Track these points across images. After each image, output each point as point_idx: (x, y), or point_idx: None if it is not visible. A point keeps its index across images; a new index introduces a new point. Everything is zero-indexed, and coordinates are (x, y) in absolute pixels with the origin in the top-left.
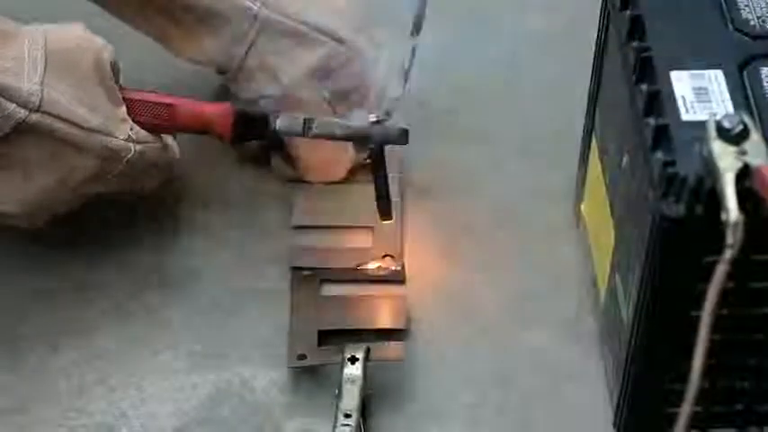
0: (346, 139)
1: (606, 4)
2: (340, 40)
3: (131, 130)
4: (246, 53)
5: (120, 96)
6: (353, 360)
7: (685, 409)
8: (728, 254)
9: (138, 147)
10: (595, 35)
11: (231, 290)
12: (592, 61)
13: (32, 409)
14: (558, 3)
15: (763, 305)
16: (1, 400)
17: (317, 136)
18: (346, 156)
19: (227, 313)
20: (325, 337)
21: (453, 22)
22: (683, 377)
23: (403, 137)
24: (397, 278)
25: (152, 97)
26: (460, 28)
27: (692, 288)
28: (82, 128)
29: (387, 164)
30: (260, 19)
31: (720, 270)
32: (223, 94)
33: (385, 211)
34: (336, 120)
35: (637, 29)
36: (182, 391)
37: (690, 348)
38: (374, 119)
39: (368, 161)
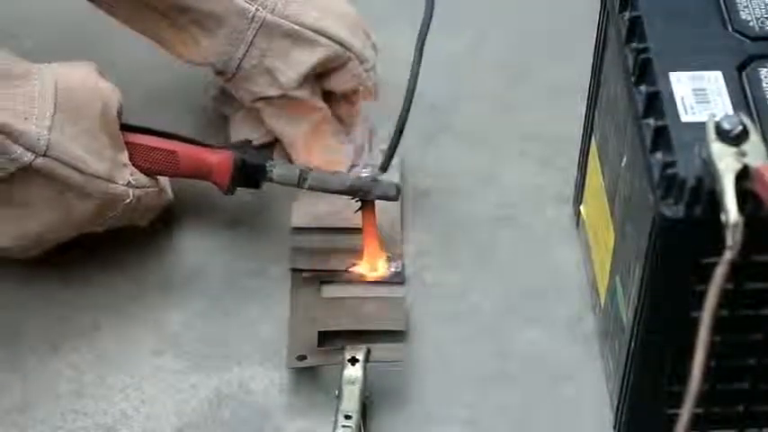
0: (340, 193)
1: (605, 5)
2: (338, 42)
3: (132, 175)
4: (244, 55)
5: (123, 142)
6: (354, 361)
7: (685, 411)
8: (728, 255)
9: (137, 192)
10: (595, 36)
11: (231, 290)
12: (591, 62)
13: (32, 409)
14: (558, 3)
15: (763, 306)
16: (1, 400)
17: (311, 188)
18: (346, 156)
19: (228, 314)
20: (325, 338)
21: (453, 22)
22: (683, 378)
23: (395, 193)
24: (396, 279)
25: (154, 143)
26: (460, 28)
27: (691, 289)
28: (84, 173)
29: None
30: (257, 20)
31: (720, 271)
32: (222, 127)
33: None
34: (332, 173)
35: (636, 30)
36: (181, 393)
37: (689, 349)
38: (367, 173)
39: (357, 211)
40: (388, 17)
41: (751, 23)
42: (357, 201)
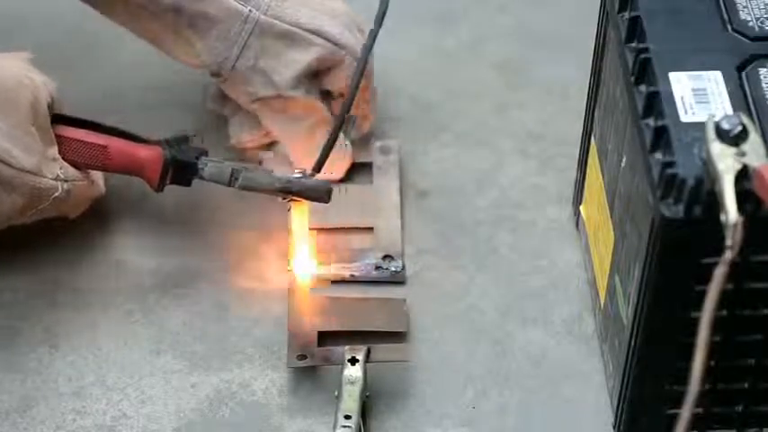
0: (271, 193)
1: (605, 5)
2: (333, 41)
3: (61, 169)
4: (238, 56)
5: (53, 136)
6: (354, 361)
7: (685, 411)
8: (728, 255)
9: (66, 185)
10: (594, 36)
11: (231, 290)
12: (591, 62)
13: (32, 409)
14: (558, 3)
15: (763, 306)
16: (1, 400)
17: (242, 187)
18: (345, 156)
19: (228, 313)
20: (326, 338)
21: (453, 22)
22: (683, 378)
23: (326, 194)
24: (397, 279)
25: (85, 137)
26: (460, 28)
27: (691, 289)
28: (13, 167)
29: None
30: (251, 21)
31: (720, 271)
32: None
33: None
34: (262, 172)
35: (635, 30)
36: (181, 392)
37: (689, 349)
38: (298, 174)
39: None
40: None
41: (751, 23)
42: (288, 201)
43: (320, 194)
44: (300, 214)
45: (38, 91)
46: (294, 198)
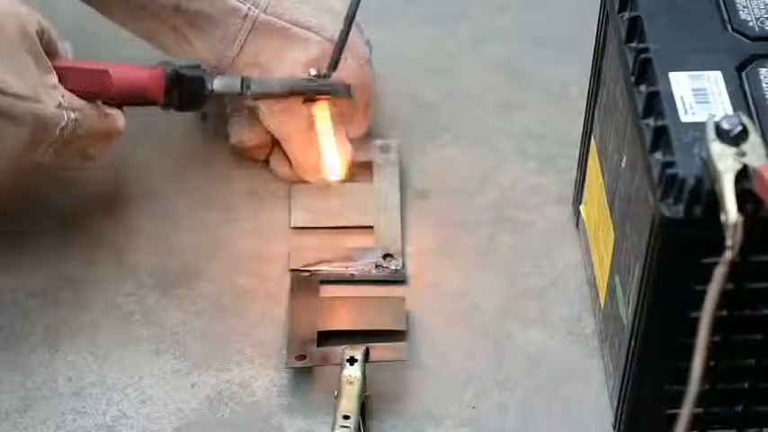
0: (287, 95)
1: (605, 5)
2: (331, 39)
3: (62, 97)
4: (237, 54)
5: (50, 64)
6: (352, 361)
7: (685, 411)
8: (728, 255)
9: (72, 114)
10: (594, 36)
11: (231, 290)
12: (591, 62)
13: (32, 409)
14: (558, 3)
15: (763, 306)
16: (1, 401)
17: (255, 94)
18: (345, 155)
19: (227, 313)
20: (325, 338)
21: (453, 22)
22: (683, 378)
23: (345, 90)
24: (397, 278)
25: (84, 64)
26: (460, 28)
27: (691, 289)
28: (7, 94)
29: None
30: (250, 19)
31: (720, 271)
32: None
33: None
34: (276, 77)
35: (635, 30)
36: (181, 392)
37: (689, 349)
38: (314, 73)
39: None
40: (382, 14)
41: (751, 23)
42: (306, 102)
43: (339, 89)
44: (323, 116)
45: (23, 19)
46: (313, 98)
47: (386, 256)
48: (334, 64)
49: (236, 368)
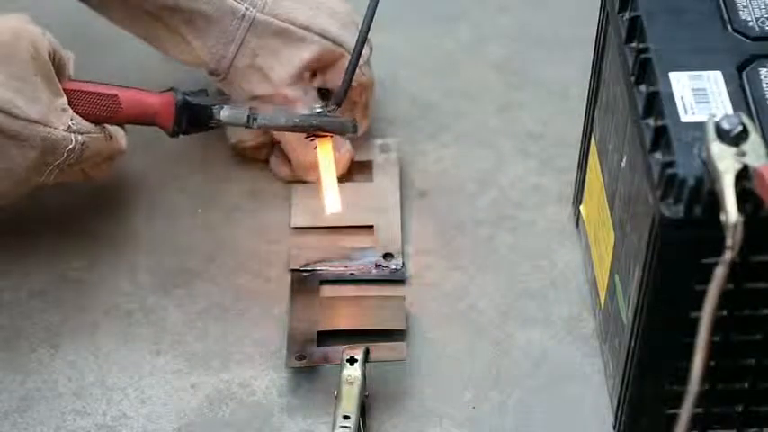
0: (292, 129)
1: (605, 5)
2: (330, 39)
3: (72, 120)
4: (235, 54)
5: (60, 87)
6: (352, 361)
7: (685, 411)
8: (728, 255)
9: (80, 138)
10: (594, 36)
11: (231, 290)
12: (591, 62)
13: (32, 409)
14: (558, 3)
15: (763, 306)
16: (1, 400)
17: (261, 127)
18: (345, 155)
19: (227, 313)
20: (325, 337)
21: (453, 22)
22: (683, 378)
23: (351, 127)
24: (396, 278)
25: (94, 88)
26: (460, 28)
27: (691, 289)
28: (19, 118)
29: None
30: (247, 19)
31: (720, 271)
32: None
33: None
34: (282, 110)
35: (635, 30)
36: (181, 392)
37: (689, 349)
38: (319, 109)
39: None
40: (382, 14)
41: (751, 23)
42: (311, 139)
43: (344, 126)
44: (325, 151)
45: (37, 42)
46: (318, 134)
47: (386, 255)
48: (339, 100)
49: (236, 368)
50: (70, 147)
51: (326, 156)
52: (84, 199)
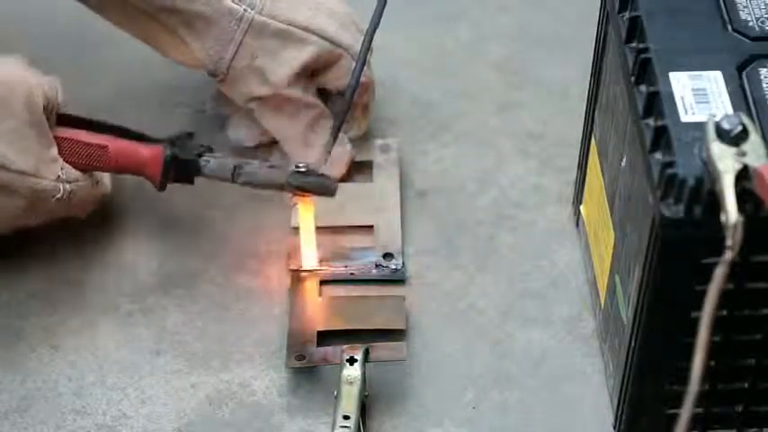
0: (274, 188)
1: (605, 5)
2: (329, 39)
3: (62, 170)
4: (234, 55)
5: (52, 137)
6: (352, 361)
7: (685, 411)
8: (728, 255)
9: (68, 186)
10: (595, 36)
11: (231, 290)
12: (591, 62)
13: (32, 409)
14: (558, 3)
15: (763, 306)
16: (1, 400)
17: (244, 183)
18: (345, 155)
19: (228, 313)
20: (325, 337)
21: (453, 22)
22: (683, 378)
23: (331, 189)
24: (396, 278)
25: (85, 137)
26: (460, 28)
27: (691, 289)
28: (10, 170)
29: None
30: (246, 21)
31: (720, 271)
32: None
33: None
34: (266, 168)
35: (635, 30)
36: (181, 392)
37: (689, 349)
38: (302, 168)
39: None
40: (383, 15)
41: (751, 23)
42: (293, 197)
43: (325, 188)
44: (306, 211)
45: (31, 93)
46: (299, 193)
47: (386, 255)
48: (346, 110)
49: (236, 368)
50: (58, 196)
51: (307, 215)
52: None
